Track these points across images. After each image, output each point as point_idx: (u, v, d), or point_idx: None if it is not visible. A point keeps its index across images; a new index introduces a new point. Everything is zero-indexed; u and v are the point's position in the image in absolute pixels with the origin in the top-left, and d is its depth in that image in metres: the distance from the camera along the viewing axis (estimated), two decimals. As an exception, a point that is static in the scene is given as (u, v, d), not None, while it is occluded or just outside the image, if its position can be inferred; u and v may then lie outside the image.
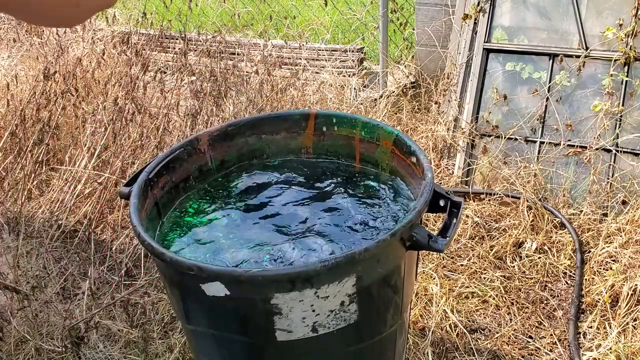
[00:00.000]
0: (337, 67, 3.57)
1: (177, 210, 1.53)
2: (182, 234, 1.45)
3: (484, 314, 2.08)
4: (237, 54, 3.66)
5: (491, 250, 2.30)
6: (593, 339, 1.94)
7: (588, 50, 2.56)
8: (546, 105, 2.61)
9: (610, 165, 2.45)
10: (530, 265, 2.24)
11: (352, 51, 3.66)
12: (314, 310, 1.20)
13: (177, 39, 4.00)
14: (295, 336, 1.24)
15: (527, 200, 2.39)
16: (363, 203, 1.52)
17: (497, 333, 2.00)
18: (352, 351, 1.35)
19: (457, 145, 2.74)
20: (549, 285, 2.19)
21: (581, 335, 1.98)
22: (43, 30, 3.86)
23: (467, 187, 2.64)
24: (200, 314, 1.32)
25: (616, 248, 2.18)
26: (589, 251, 2.27)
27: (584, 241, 2.31)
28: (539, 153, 2.58)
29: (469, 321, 2.04)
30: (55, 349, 1.96)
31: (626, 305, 1.96)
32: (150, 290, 2.17)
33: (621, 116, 2.46)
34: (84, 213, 2.49)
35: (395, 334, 1.43)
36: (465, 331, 1.97)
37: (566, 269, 2.23)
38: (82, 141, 2.68)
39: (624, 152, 2.45)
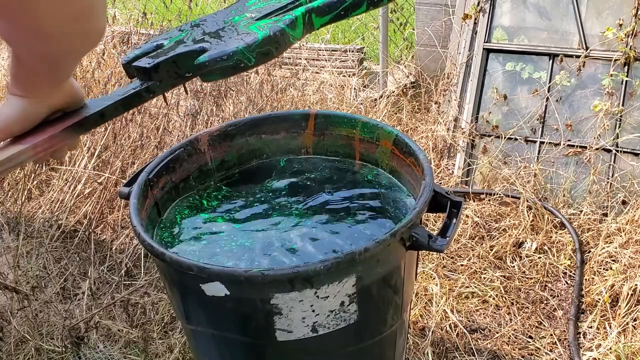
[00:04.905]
0: (337, 67, 3.57)
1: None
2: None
3: (484, 314, 2.08)
4: (237, 54, 3.64)
5: (491, 250, 2.30)
6: (593, 339, 1.94)
7: (588, 50, 2.56)
8: (546, 105, 2.61)
9: (610, 165, 2.45)
10: (530, 265, 2.24)
11: (352, 51, 3.65)
12: (313, 311, 1.20)
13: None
14: (295, 336, 1.24)
15: (527, 200, 2.39)
16: (363, 203, 1.52)
17: (497, 333, 2.00)
18: (352, 351, 1.35)
19: (457, 145, 2.74)
20: (549, 285, 2.19)
21: (581, 335, 1.98)
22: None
23: (467, 187, 2.64)
24: (200, 314, 1.32)
25: (616, 248, 2.18)
26: (589, 251, 2.27)
27: (584, 241, 2.31)
28: (539, 153, 2.58)
29: (469, 321, 2.04)
30: (55, 349, 1.96)
31: (626, 305, 1.96)
32: (150, 290, 2.17)
33: (621, 116, 2.46)
34: (84, 213, 2.49)
35: (395, 334, 1.43)
36: (465, 331, 1.97)
37: (566, 269, 2.23)
38: (82, 141, 2.68)
39: (624, 152, 2.45)
